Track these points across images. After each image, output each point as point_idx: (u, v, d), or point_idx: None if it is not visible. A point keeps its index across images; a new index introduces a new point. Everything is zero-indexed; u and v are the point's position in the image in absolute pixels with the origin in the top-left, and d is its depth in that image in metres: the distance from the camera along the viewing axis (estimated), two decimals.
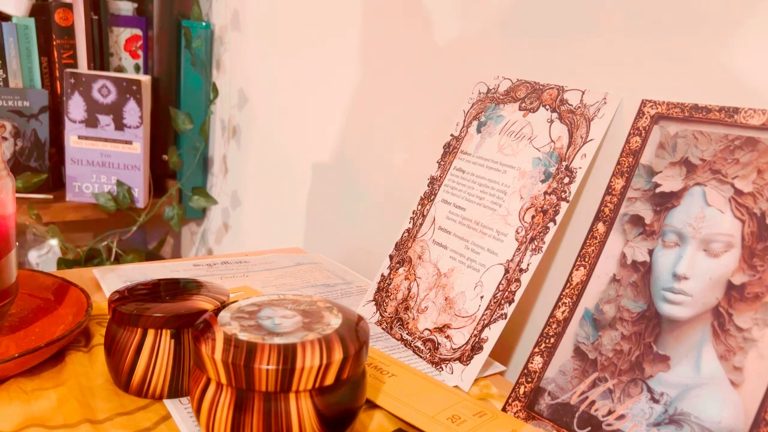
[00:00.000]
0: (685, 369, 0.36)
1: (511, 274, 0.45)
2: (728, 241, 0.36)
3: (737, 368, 0.34)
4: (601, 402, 0.38)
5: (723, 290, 0.36)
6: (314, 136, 0.81)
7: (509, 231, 0.47)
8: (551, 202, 0.45)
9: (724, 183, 0.38)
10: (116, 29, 1.05)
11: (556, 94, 0.48)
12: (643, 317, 0.38)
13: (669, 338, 0.37)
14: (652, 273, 0.39)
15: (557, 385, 0.40)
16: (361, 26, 0.71)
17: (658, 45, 0.43)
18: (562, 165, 0.46)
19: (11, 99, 0.95)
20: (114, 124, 0.97)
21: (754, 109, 0.38)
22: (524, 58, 0.53)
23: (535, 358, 0.42)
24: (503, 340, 0.51)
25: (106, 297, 0.54)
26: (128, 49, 1.06)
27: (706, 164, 0.39)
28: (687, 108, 0.41)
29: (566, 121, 0.47)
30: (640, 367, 0.37)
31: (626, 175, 0.43)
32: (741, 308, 0.35)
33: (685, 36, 0.42)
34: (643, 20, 0.44)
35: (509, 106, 0.51)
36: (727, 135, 0.39)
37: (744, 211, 0.37)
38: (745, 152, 0.37)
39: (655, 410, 0.36)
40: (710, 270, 0.37)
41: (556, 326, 0.42)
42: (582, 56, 0.48)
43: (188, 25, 1.01)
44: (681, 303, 0.37)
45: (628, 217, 0.42)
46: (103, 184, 1.00)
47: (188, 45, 1.02)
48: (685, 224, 0.38)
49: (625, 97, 0.45)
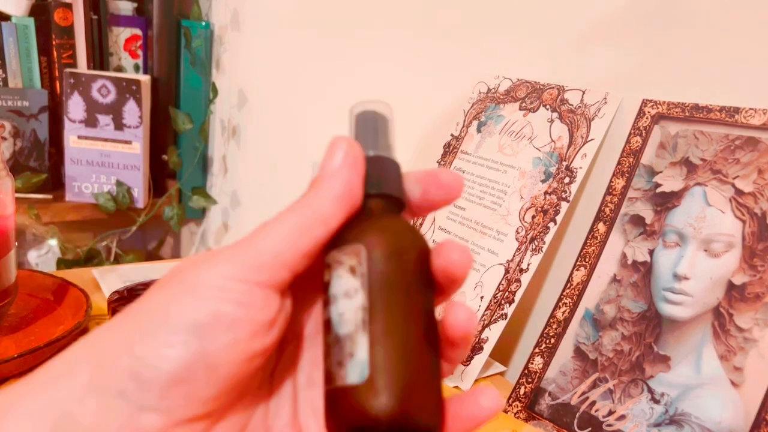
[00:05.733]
0: (686, 369, 0.36)
1: (511, 274, 0.45)
2: (729, 241, 0.36)
3: (738, 368, 0.34)
4: (601, 402, 0.38)
5: (723, 290, 0.36)
6: (314, 135, 0.81)
7: (509, 231, 0.47)
8: (551, 202, 0.45)
9: (725, 183, 0.38)
10: (116, 29, 1.05)
11: (556, 93, 0.48)
12: (643, 317, 0.38)
13: (669, 338, 0.37)
14: (652, 273, 0.39)
15: (558, 386, 0.40)
16: (361, 25, 0.71)
17: (660, 44, 0.43)
18: (562, 165, 0.46)
19: (11, 99, 0.95)
20: (113, 124, 0.97)
21: (754, 109, 0.38)
22: (525, 57, 0.53)
23: (535, 358, 0.42)
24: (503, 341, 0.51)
25: (106, 297, 0.54)
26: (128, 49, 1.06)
27: (707, 164, 0.39)
28: (687, 108, 0.41)
29: (567, 120, 0.47)
30: (640, 367, 0.37)
31: (627, 175, 0.43)
32: (741, 308, 0.35)
33: (686, 36, 0.42)
34: (644, 19, 0.44)
35: (509, 105, 0.51)
36: (727, 135, 0.38)
37: (745, 211, 0.37)
38: (746, 152, 0.37)
39: (656, 410, 0.36)
40: (711, 270, 0.37)
41: (557, 326, 0.42)
42: (583, 55, 0.48)
43: (188, 24, 1.01)
44: (681, 303, 0.37)
45: (628, 217, 0.41)
46: (102, 184, 1.00)
47: (188, 45, 1.02)
48: (686, 224, 0.38)
49: (625, 97, 0.45)
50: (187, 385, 0.18)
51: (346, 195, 0.20)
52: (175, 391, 0.18)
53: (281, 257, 0.19)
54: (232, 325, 0.18)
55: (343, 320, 0.19)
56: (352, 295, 0.19)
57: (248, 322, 0.19)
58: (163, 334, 0.18)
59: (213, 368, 0.18)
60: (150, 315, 0.19)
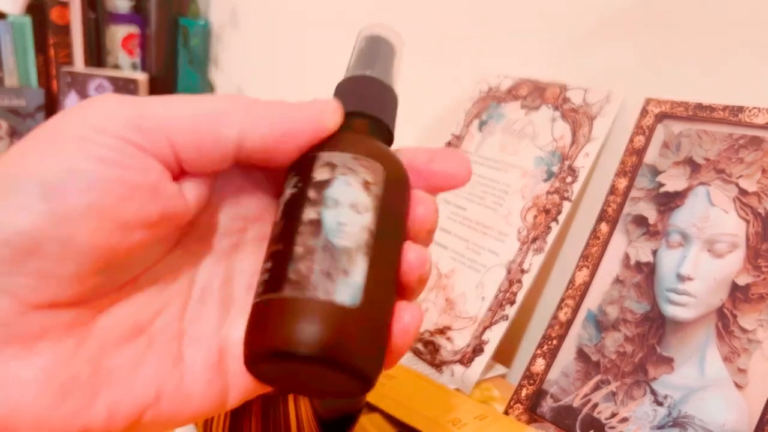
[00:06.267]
0: (689, 371, 0.35)
1: (513, 274, 0.45)
2: (733, 242, 0.36)
3: (742, 370, 0.34)
4: (604, 404, 0.37)
5: (727, 291, 0.35)
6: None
7: (511, 231, 0.46)
8: (553, 202, 0.45)
9: (729, 182, 0.37)
10: (113, 27, 1.04)
11: (558, 92, 0.48)
12: (646, 318, 0.38)
13: (673, 340, 0.37)
14: (655, 274, 0.39)
15: (560, 388, 0.40)
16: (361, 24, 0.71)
17: (662, 43, 0.43)
18: (564, 164, 0.45)
19: (7, 98, 0.95)
20: None
21: (758, 108, 0.37)
22: (527, 56, 0.52)
23: (537, 360, 0.42)
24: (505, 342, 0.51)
25: None
26: (125, 48, 1.05)
27: (711, 164, 0.38)
28: (691, 107, 0.40)
29: (569, 119, 0.46)
30: (643, 369, 0.37)
31: (630, 174, 0.42)
32: (745, 309, 0.35)
33: (689, 34, 0.41)
34: (646, 17, 0.44)
35: (511, 104, 0.51)
36: (731, 134, 0.38)
37: (748, 210, 0.36)
38: (750, 151, 0.37)
39: (659, 413, 0.35)
40: (714, 270, 0.36)
41: (559, 328, 0.42)
42: (585, 54, 0.48)
43: (186, 22, 1.01)
44: (685, 304, 0.37)
45: (631, 217, 0.41)
46: None
47: (186, 43, 1.01)
48: (690, 224, 0.38)
49: (628, 96, 0.44)
50: (38, 259, 0.15)
51: (291, 131, 0.18)
52: (23, 266, 0.15)
53: (167, 132, 0.16)
54: (91, 186, 0.15)
55: (344, 232, 0.17)
56: (361, 212, 0.17)
57: (114, 183, 0.15)
58: (9, 196, 0.15)
59: (68, 238, 0.15)
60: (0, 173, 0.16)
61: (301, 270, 0.17)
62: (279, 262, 0.17)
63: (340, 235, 0.17)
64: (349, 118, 0.20)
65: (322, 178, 0.18)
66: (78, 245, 0.15)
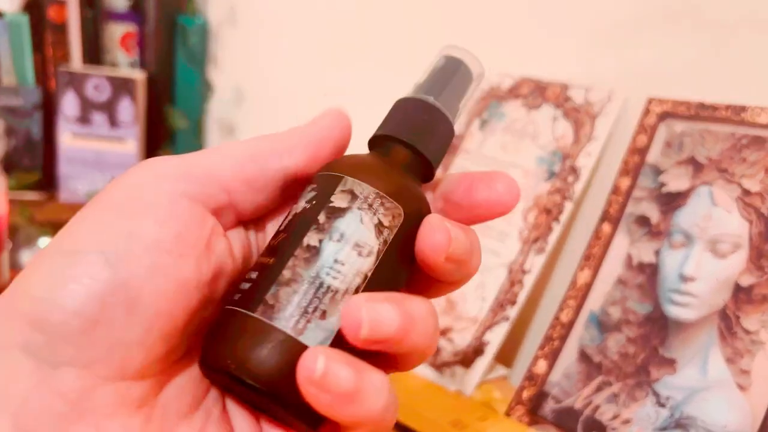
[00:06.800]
0: (692, 372, 0.35)
1: (514, 275, 0.45)
2: (735, 242, 0.36)
3: (744, 371, 0.34)
4: (606, 406, 0.37)
5: (730, 292, 0.35)
6: None
7: (512, 231, 0.46)
8: (555, 202, 0.45)
9: (731, 182, 0.37)
10: (111, 25, 1.03)
11: (559, 91, 0.48)
12: (649, 319, 0.38)
13: (675, 341, 0.36)
14: (658, 274, 0.38)
15: (562, 389, 0.39)
16: (361, 23, 0.70)
17: (665, 41, 0.43)
18: (566, 164, 0.45)
19: (4, 97, 0.94)
20: (108, 122, 0.96)
21: (761, 107, 0.37)
22: (528, 55, 0.52)
23: (539, 361, 0.41)
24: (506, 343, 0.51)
25: None
26: (123, 46, 1.05)
27: (713, 163, 0.38)
28: (693, 106, 0.40)
29: (570, 118, 0.46)
30: (645, 370, 0.37)
31: (632, 174, 0.42)
32: (748, 310, 0.34)
33: (692, 33, 0.41)
34: (648, 16, 0.43)
35: (512, 103, 0.51)
36: (734, 133, 0.38)
37: (751, 211, 0.36)
38: (752, 151, 0.37)
39: (661, 414, 0.35)
40: (717, 271, 0.36)
41: (561, 329, 0.41)
42: (587, 53, 0.47)
43: (184, 21, 1.00)
44: (688, 305, 0.37)
45: (634, 217, 0.41)
46: (97, 183, 0.99)
47: (184, 41, 1.01)
48: (692, 224, 0.38)
49: (630, 95, 0.44)
50: (106, 326, 0.14)
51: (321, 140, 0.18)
52: (90, 337, 0.14)
53: (216, 174, 0.17)
54: (149, 247, 0.15)
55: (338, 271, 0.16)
56: (363, 255, 0.16)
57: (171, 241, 0.15)
58: (74, 266, 0.15)
59: (133, 302, 0.15)
60: (57, 245, 0.15)
61: (280, 296, 0.16)
62: (264, 277, 0.16)
63: (333, 274, 0.16)
64: (392, 144, 0.19)
65: (338, 205, 0.17)
66: (143, 308, 0.15)
